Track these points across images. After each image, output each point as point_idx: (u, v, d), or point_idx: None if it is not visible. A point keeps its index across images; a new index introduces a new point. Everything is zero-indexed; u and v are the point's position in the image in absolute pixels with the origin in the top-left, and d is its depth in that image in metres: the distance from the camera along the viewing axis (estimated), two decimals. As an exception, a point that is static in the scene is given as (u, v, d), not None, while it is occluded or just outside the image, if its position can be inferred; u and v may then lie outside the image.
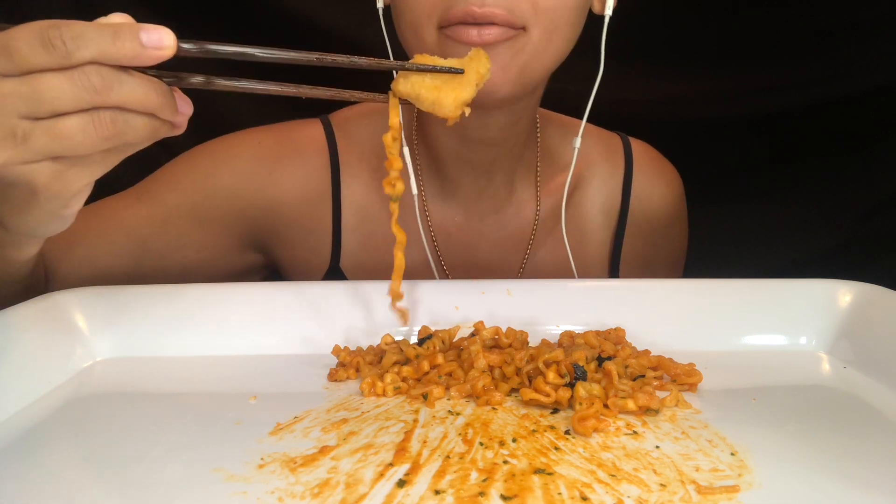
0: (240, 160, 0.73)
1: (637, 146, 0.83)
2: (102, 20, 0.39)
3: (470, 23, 0.56)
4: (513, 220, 0.76)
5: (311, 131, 0.75)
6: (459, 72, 0.50)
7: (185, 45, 0.41)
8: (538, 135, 0.76)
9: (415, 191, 0.64)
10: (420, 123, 0.74)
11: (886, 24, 1.07)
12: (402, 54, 0.64)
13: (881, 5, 1.05)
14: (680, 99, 1.15)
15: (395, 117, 0.52)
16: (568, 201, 0.75)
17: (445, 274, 0.75)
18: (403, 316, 0.61)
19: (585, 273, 0.77)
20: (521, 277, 0.76)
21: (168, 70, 0.42)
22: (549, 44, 0.59)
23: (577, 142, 0.69)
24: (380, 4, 0.63)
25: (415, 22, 0.58)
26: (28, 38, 0.36)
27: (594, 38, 0.65)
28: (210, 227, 0.72)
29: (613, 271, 0.80)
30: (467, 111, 0.51)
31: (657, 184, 0.81)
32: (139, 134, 0.41)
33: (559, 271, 0.76)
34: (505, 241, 0.75)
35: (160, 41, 0.39)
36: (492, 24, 0.55)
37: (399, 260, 0.56)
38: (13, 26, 0.38)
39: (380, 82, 0.67)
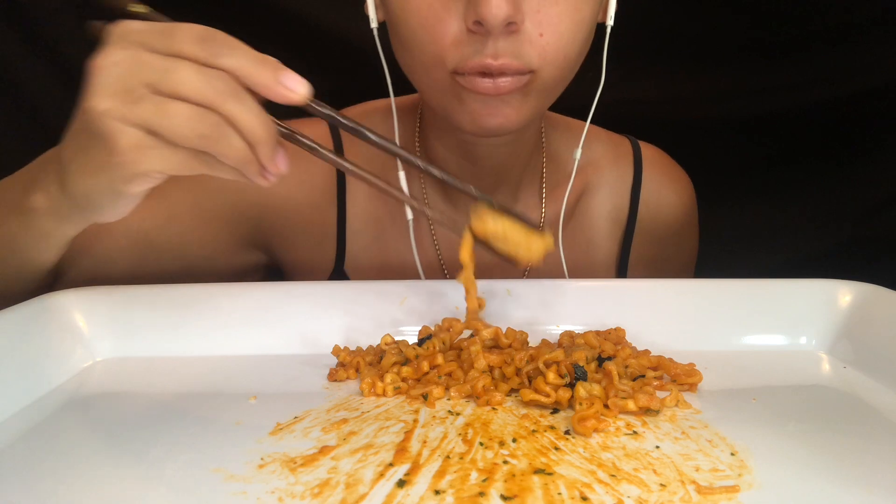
0: None
1: (647, 150, 0.81)
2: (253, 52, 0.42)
3: (485, 73, 0.54)
4: None
5: (317, 131, 0.74)
6: (537, 226, 0.52)
7: (315, 106, 0.45)
8: (543, 140, 0.75)
9: (410, 216, 0.68)
10: (423, 137, 0.73)
11: (886, 24, 1.07)
12: (396, 72, 0.63)
13: (880, 5, 1.05)
14: (679, 99, 1.15)
15: (466, 254, 0.54)
16: (574, 208, 0.75)
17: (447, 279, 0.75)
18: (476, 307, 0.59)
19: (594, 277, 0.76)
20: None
21: None
22: (557, 80, 0.57)
23: (578, 153, 0.68)
24: (374, 24, 0.60)
25: (425, 63, 0.56)
26: (190, 30, 0.40)
27: (597, 44, 0.63)
28: (214, 225, 0.72)
29: (620, 276, 0.79)
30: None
31: (667, 191, 0.79)
32: (231, 153, 0.41)
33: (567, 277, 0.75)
34: None
35: (295, 84, 0.41)
36: (504, 74, 0.53)
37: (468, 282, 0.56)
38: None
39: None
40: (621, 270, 0.78)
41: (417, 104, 0.72)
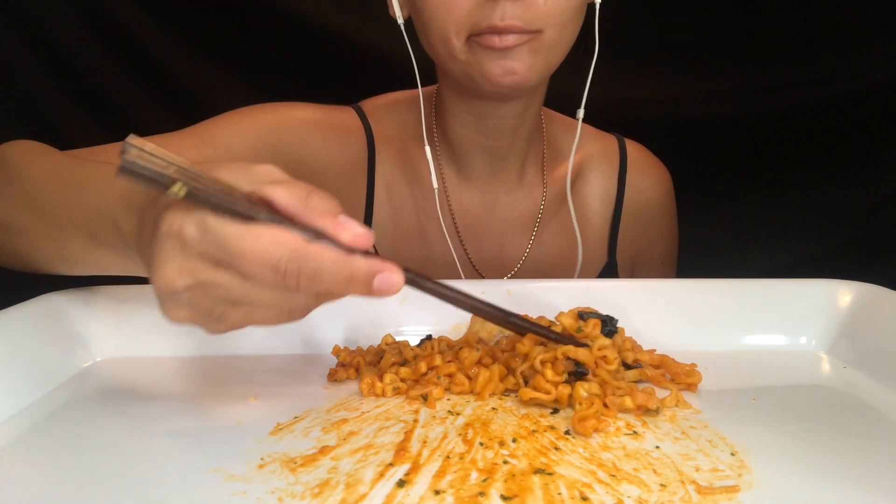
0: (302, 123, 0.79)
1: (631, 146, 0.90)
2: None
3: (494, 32, 0.64)
4: (523, 202, 0.84)
5: (350, 114, 0.83)
6: (586, 346, 0.50)
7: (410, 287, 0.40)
8: (544, 128, 0.84)
9: (436, 185, 0.76)
10: (439, 117, 0.80)
11: (885, 24, 1.07)
12: (423, 59, 0.72)
13: (880, 5, 1.06)
14: (679, 99, 1.15)
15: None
16: (573, 187, 0.84)
17: (462, 247, 0.81)
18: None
19: (587, 251, 0.83)
20: (529, 252, 0.82)
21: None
22: (560, 39, 0.67)
23: (581, 113, 0.77)
24: (400, 21, 0.71)
25: (445, 35, 0.66)
26: (263, 258, 0.35)
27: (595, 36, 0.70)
28: None
29: (611, 251, 0.87)
30: None
31: (648, 178, 0.89)
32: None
33: (564, 248, 0.83)
34: (516, 219, 0.83)
35: (391, 286, 0.38)
36: (510, 32, 0.64)
37: None
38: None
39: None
40: (612, 243, 0.87)
41: (433, 93, 0.81)
